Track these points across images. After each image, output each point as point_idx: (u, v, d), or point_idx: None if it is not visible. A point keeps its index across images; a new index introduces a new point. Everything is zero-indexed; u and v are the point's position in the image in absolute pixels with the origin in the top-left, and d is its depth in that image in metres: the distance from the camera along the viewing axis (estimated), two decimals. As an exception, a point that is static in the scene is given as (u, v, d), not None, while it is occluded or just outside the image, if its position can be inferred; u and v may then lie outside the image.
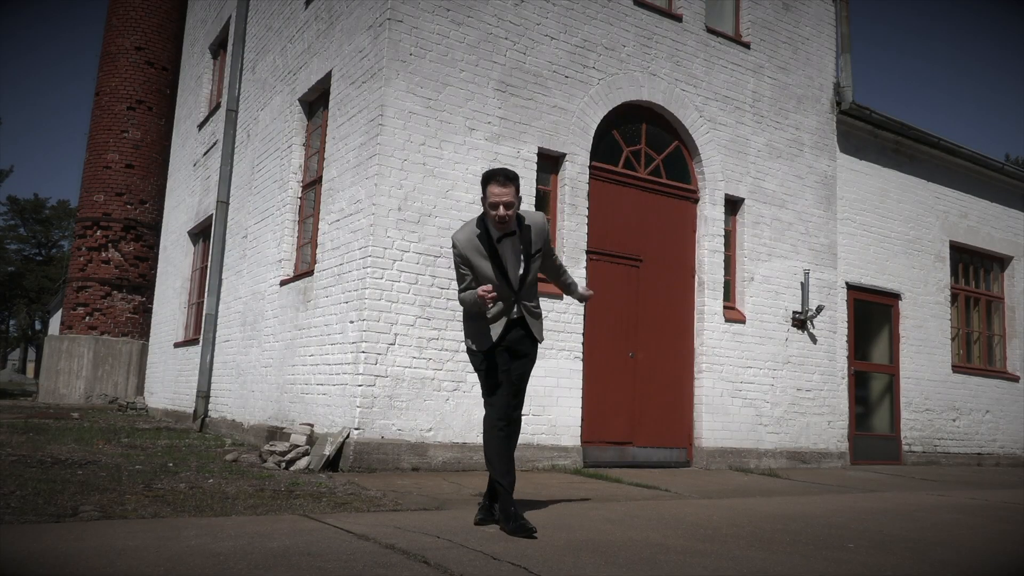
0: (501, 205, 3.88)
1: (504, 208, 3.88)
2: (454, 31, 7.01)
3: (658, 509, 4.84)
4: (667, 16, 8.48)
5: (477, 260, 3.98)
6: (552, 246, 4.18)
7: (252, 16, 10.61)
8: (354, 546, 3.20)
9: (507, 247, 4.01)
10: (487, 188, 3.92)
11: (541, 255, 4.12)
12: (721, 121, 8.74)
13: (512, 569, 2.92)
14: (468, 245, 3.99)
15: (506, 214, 3.89)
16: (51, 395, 15.60)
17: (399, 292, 6.52)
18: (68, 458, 5.89)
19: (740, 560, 3.33)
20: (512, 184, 3.91)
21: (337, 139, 7.37)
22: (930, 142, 10.84)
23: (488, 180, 3.95)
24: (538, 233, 4.08)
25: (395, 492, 5.02)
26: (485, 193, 3.94)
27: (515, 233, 4.01)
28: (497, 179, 3.91)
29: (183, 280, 12.52)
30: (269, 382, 8.18)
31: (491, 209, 3.91)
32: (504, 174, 3.92)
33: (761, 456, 8.55)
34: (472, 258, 3.98)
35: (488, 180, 3.95)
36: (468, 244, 3.99)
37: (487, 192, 3.92)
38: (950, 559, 3.63)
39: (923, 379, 10.55)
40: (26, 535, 3.17)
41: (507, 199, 3.88)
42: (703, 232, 8.47)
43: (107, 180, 16.32)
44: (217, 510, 4.06)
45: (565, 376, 7.24)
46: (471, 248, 3.99)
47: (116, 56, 16.67)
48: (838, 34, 10.05)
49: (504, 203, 3.88)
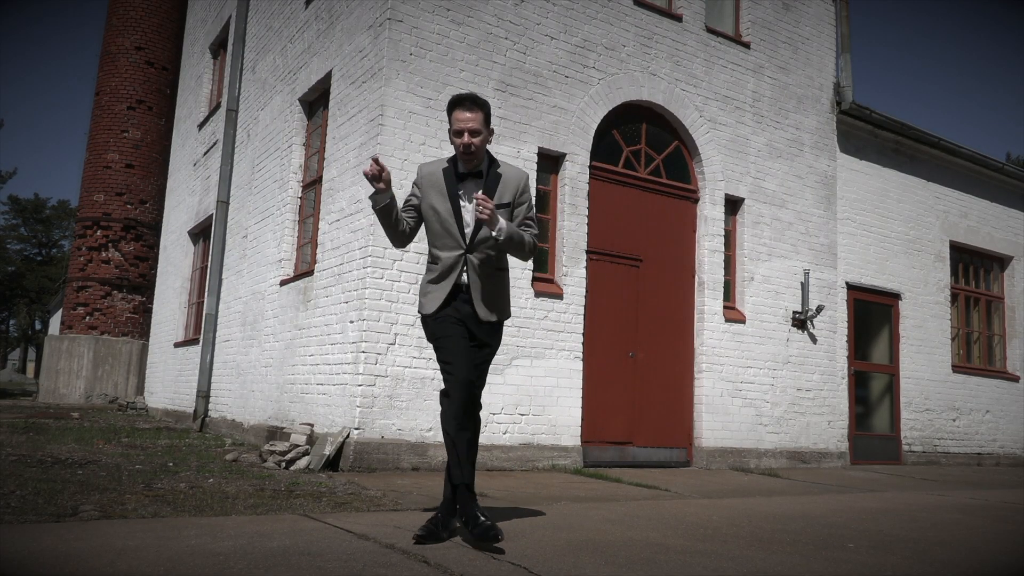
0: (466, 132, 3.44)
1: (469, 135, 3.45)
2: (454, 31, 7.01)
3: (658, 509, 4.84)
4: (667, 16, 8.48)
5: (432, 196, 3.54)
6: (532, 211, 3.66)
7: (252, 16, 10.61)
8: (354, 546, 3.20)
9: (470, 188, 3.53)
10: (452, 114, 3.50)
11: (508, 212, 3.55)
12: (721, 121, 8.74)
13: (512, 569, 2.92)
14: (429, 177, 3.57)
15: (471, 142, 3.45)
16: (51, 395, 15.60)
17: (399, 292, 6.52)
18: (68, 458, 5.90)
19: (740, 560, 3.33)
20: (480, 110, 3.48)
21: (337, 139, 7.37)
22: (930, 142, 10.84)
23: (454, 105, 3.51)
24: (508, 184, 3.56)
25: (395, 492, 5.02)
26: (450, 120, 3.51)
27: (482, 176, 3.54)
28: (463, 103, 3.48)
29: (183, 280, 12.52)
30: (269, 382, 8.18)
31: (455, 137, 3.49)
32: (471, 98, 3.50)
33: (761, 456, 8.55)
34: (427, 192, 3.55)
35: (454, 105, 3.51)
36: (429, 175, 3.57)
37: (452, 118, 3.50)
38: (950, 559, 3.63)
39: (923, 379, 10.55)
40: (26, 535, 3.17)
41: (472, 125, 3.45)
42: (703, 232, 8.47)
43: (107, 180, 16.33)
44: (217, 510, 4.06)
45: (565, 376, 7.24)
46: (431, 181, 3.56)
47: (116, 56, 16.68)
48: (838, 34, 10.05)
49: (469, 130, 3.44)
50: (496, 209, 3.43)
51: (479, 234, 3.49)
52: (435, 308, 3.51)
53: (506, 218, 3.51)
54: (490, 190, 3.51)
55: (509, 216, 3.55)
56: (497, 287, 3.60)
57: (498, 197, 3.51)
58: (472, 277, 3.51)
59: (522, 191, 3.59)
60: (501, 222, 3.41)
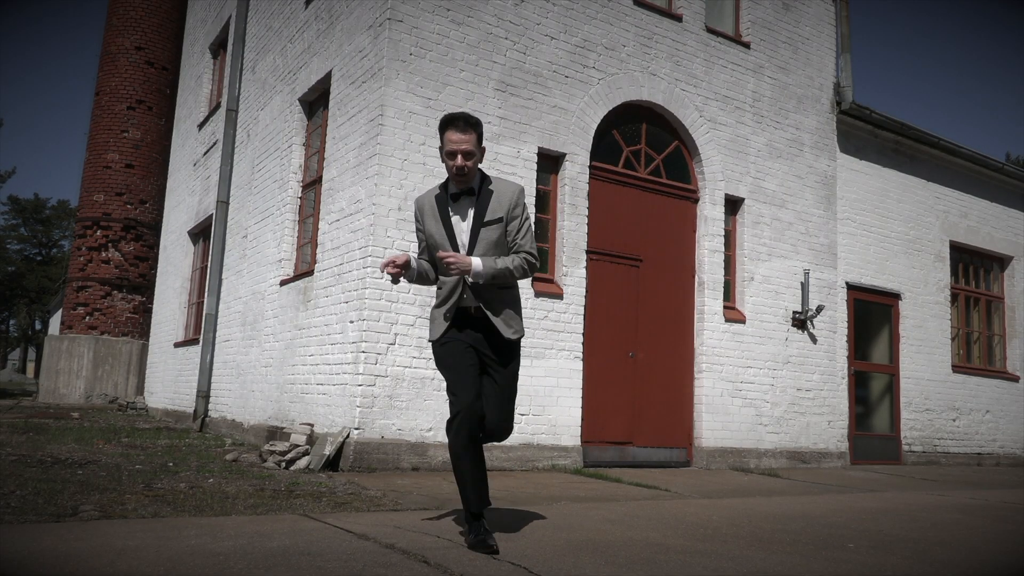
0: (459, 154, 3.39)
1: (463, 158, 3.39)
2: (454, 31, 7.01)
3: (658, 509, 4.84)
4: (667, 16, 8.48)
5: (429, 224, 3.53)
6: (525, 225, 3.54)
7: (252, 16, 10.61)
8: (354, 546, 3.20)
9: (463, 208, 3.50)
10: (444, 135, 3.43)
11: (501, 226, 3.47)
12: (721, 121, 8.74)
13: (512, 569, 2.92)
14: (424, 205, 3.57)
15: (464, 164, 3.40)
16: (51, 395, 15.60)
17: (399, 292, 6.52)
18: (68, 458, 5.89)
19: (740, 560, 3.33)
20: (473, 131, 3.41)
21: (337, 139, 7.37)
22: (930, 142, 10.84)
23: (446, 126, 3.43)
24: (500, 199, 3.49)
25: (395, 492, 5.02)
26: (442, 141, 3.45)
27: (474, 194, 3.49)
28: (456, 124, 3.41)
29: (183, 280, 12.51)
30: (269, 382, 8.17)
31: (448, 159, 3.43)
32: (464, 119, 3.42)
33: (761, 456, 8.55)
34: (425, 219, 3.55)
35: (446, 126, 3.43)
36: (426, 206, 3.56)
37: (444, 139, 3.43)
38: (950, 559, 3.63)
39: (923, 379, 10.55)
40: (26, 535, 3.17)
41: (466, 147, 3.39)
42: (703, 232, 8.47)
43: (107, 180, 16.33)
44: (217, 510, 4.06)
45: (565, 376, 7.24)
46: (426, 207, 3.55)
47: (116, 56, 16.67)
48: (838, 34, 10.05)
49: (463, 152, 3.39)
50: (487, 225, 3.43)
51: (473, 254, 3.43)
52: (440, 333, 3.46)
53: (498, 233, 3.46)
54: (482, 207, 3.46)
55: (502, 231, 3.47)
56: (507, 304, 3.51)
57: (490, 213, 3.45)
58: (473, 298, 3.45)
59: (515, 205, 3.49)
60: (475, 264, 3.35)
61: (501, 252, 3.47)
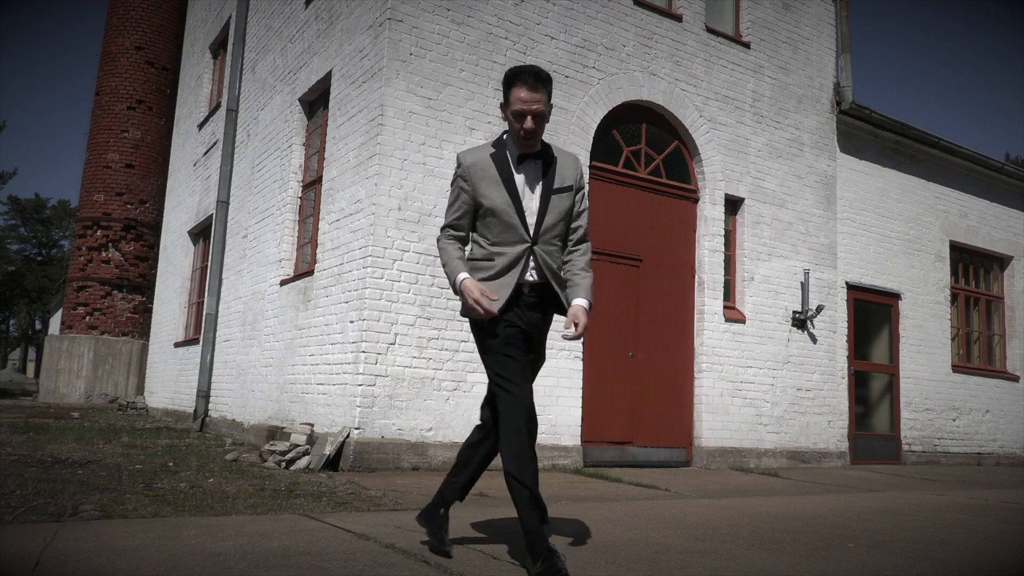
0: (529, 116, 2.97)
1: (532, 119, 2.97)
2: (454, 31, 7.01)
3: (658, 509, 4.84)
4: (667, 16, 8.48)
5: (486, 187, 3.03)
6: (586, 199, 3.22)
7: (252, 16, 10.61)
8: (354, 546, 3.20)
9: (529, 172, 3.07)
10: (511, 91, 3.01)
11: (571, 195, 3.12)
12: (721, 121, 8.74)
13: (512, 568, 2.92)
14: (478, 166, 3.05)
15: (534, 127, 2.98)
16: (51, 395, 15.60)
17: (399, 292, 6.52)
18: (68, 458, 5.90)
19: (740, 560, 3.33)
20: (544, 88, 2.99)
21: (337, 139, 7.37)
22: (930, 142, 10.85)
23: (512, 81, 3.01)
24: (565, 166, 3.13)
25: (395, 492, 5.02)
26: (508, 98, 3.02)
27: (539, 158, 3.10)
28: (524, 80, 2.98)
29: (183, 280, 12.52)
30: (269, 382, 8.18)
31: (515, 120, 3.00)
32: (534, 73, 2.99)
33: (761, 456, 8.55)
34: (480, 184, 3.03)
35: (512, 81, 3.01)
36: (478, 165, 3.05)
37: (511, 97, 3.00)
38: (950, 559, 3.63)
39: (923, 379, 10.55)
40: (26, 535, 3.17)
41: (537, 107, 2.97)
42: (703, 232, 8.47)
43: (107, 180, 16.33)
44: (217, 510, 4.06)
45: (565, 376, 7.24)
46: (480, 171, 3.05)
47: (116, 56, 16.68)
48: (838, 34, 10.06)
49: (533, 113, 2.97)
50: (558, 192, 3.09)
51: (544, 223, 3.06)
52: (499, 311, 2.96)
53: (569, 202, 3.12)
54: (552, 173, 3.10)
55: (572, 200, 3.14)
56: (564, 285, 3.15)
57: (560, 180, 3.10)
58: (545, 272, 3.05)
59: (580, 175, 3.18)
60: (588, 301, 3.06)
61: (568, 223, 3.15)
